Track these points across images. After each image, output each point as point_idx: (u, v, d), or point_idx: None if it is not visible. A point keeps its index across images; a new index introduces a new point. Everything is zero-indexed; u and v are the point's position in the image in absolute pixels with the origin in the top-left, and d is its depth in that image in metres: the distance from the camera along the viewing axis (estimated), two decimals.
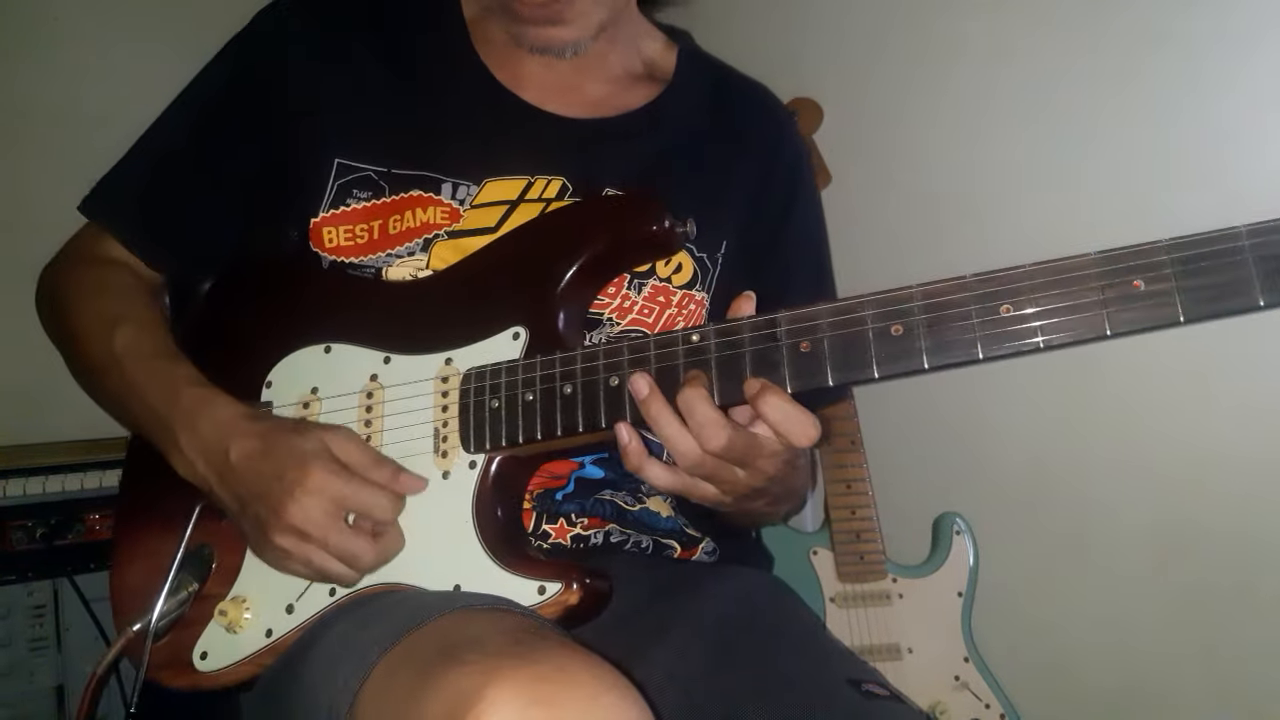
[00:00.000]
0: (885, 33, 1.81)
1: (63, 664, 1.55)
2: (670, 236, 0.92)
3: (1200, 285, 0.68)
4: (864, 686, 0.84)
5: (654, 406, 0.78)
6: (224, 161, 1.06)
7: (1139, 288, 0.69)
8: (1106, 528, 1.57)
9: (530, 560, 0.85)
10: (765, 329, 0.79)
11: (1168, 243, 0.69)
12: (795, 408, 0.76)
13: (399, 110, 1.04)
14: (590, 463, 1.03)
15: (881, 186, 1.79)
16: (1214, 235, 0.68)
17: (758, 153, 1.12)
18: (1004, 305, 0.72)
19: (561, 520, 1.01)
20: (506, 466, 0.89)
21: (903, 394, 1.76)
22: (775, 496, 0.87)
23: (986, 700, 1.55)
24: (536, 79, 1.06)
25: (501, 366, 0.89)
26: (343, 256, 1.00)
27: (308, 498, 0.84)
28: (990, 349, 0.73)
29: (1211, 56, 1.44)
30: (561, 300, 0.91)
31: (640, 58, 1.14)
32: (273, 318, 1.02)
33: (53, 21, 1.92)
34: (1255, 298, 0.66)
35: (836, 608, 1.60)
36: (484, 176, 1.01)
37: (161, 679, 0.94)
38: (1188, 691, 1.50)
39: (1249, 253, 0.67)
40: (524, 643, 0.66)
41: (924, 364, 0.74)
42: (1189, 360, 1.46)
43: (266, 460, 0.87)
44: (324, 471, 0.84)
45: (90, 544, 1.56)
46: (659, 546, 1.06)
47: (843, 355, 0.76)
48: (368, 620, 0.80)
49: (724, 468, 0.79)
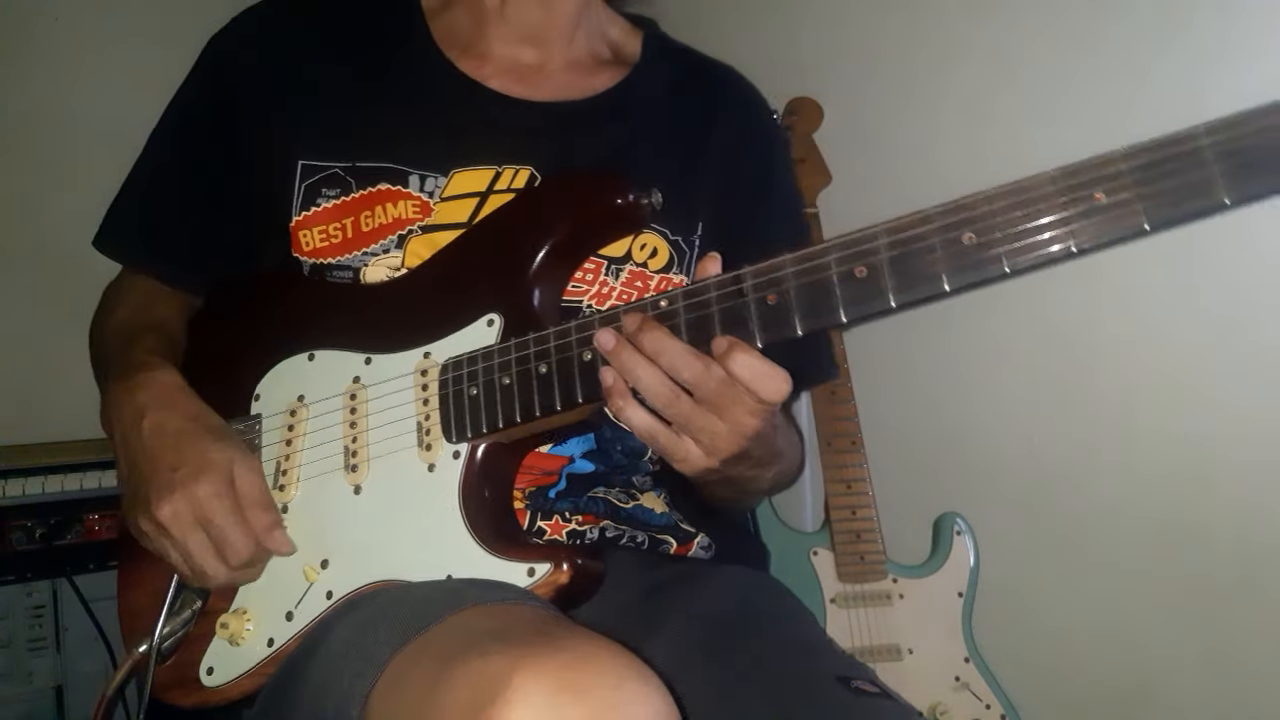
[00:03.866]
0: (886, 32, 1.81)
1: (62, 664, 1.56)
2: (636, 209, 0.91)
3: (1162, 190, 0.65)
4: (853, 684, 0.82)
5: (623, 354, 0.78)
6: (211, 177, 1.08)
7: (1101, 200, 0.67)
8: (1107, 528, 1.55)
9: (519, 544, 0.85)
10: (731, 285, 0.78)
11: (1125, 150, 0.67)
12: (764, 363, 0.74)
13: (361, 107, 1.04)
14: (580, 456, 1.02)
15: (882, 186, 1.78)
16: (1172, 138, 0.66)
17: (728, 130, 1.12)
18: (966, 234, 0.71)
19: (556, 518, 1.00)
20: (491, 454, 0.88)
21: (903, 394, 1.76)
22: (759, 459, 0.85)
23: (987, 701, 1.53)
24: (499, 67, 1.07)
25: (478, 353, 0.88)
26: (321, 258, 1.01)
27: (183, 503, 0.86)
28: (956, 280, 0.71)
29: (1216, 55, 1.42)
30: (534, 282, 0.91)
31: (606, 42, 1.14)
32: (256, 332, 1.03)
33: (52, 22, 1.95)
34: (1220, 196, 0.64)
35: (837, 608, 1.58)
36: (450, 167, 1.01)
37: (170, 698, 0.94)
38: (1189, 691, 1.47)
39: (1209, 151, 0.64)
40: (546, 632, 0.65)
41: (890, 303, 0.72)
42: (1190, 359, 1.45)
43: (171, 448, 0.89)
44: (210, 488, 0.87)
45: (89, 544, 1.57)
46: (654, 542, 1.05)
47: (809, 303, 0.75)
48: (373, 621, 0.78)
49: (699, 413, 0.77)
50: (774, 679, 0.84)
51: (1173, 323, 1.46)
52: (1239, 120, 0.65)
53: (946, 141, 1.70)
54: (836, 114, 1.77)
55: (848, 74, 1.84)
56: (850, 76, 1.83)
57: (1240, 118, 0.65)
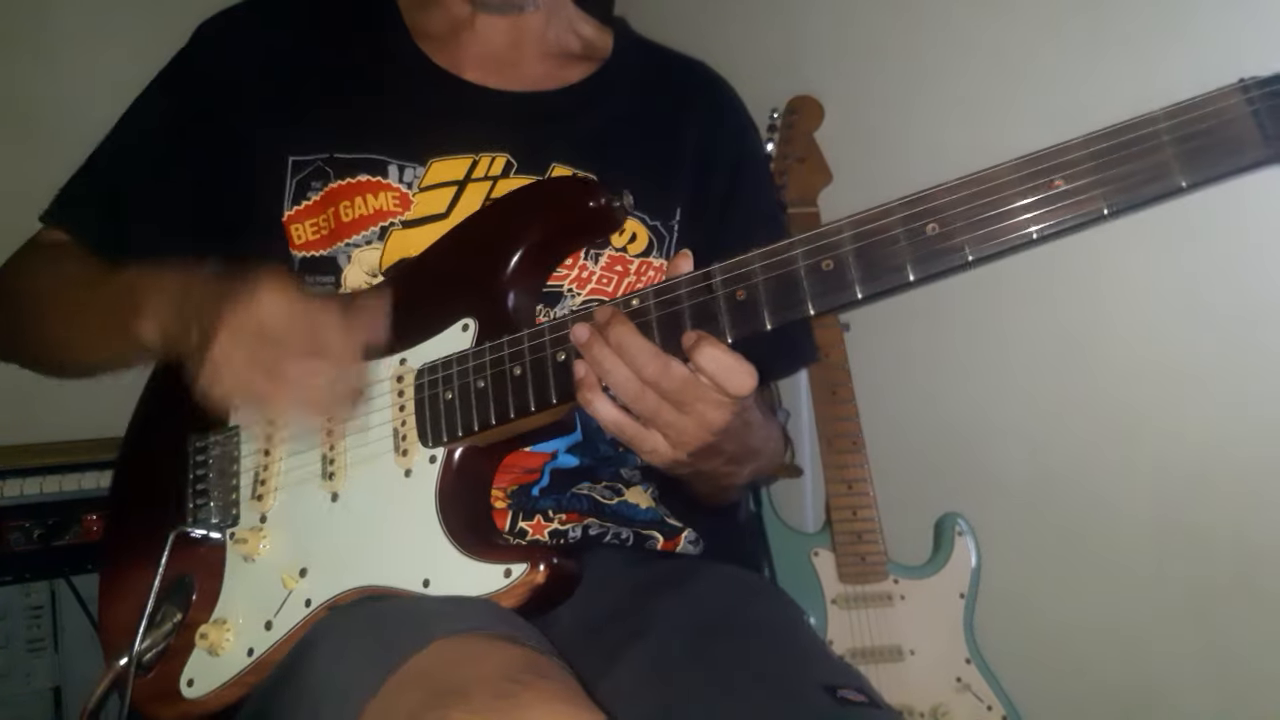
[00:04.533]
0: (886, 31, 1.81)
1: (60, 665, 1.55)
2: (608, 213, 0.92)
3: (1120, 175, 0.66)
4: (839, 692, 0.82)
5: (594, 347, 0.78)
6: (187, 162, 1.07)
7: (1059, 187, 0.68)
8: (1108, 528, 1.54)
9: (496, 546, 0.85)
10: (701, 282, 0.78)
11: (1083, 138, 0.68)
12: (730, 356, 0.75)
13: (341, 103, 1.05)
14: (565, 451, 1.02)
15: (882, 185, 1.73)
16: (1130, 123, 0.67)
17: (701, 118, 1.13)
18: (929, 224, 0.71)
19: (538, 516, 1.00)
20: (468, 458, 0.88)
21: (904, 394, 1.76)
22: (732, 455, 0.85)
23: (988, 702, 1.53)
24: (475, 59, 1.08)
25: (453, 358, 0.89)
26: (309, 251, 1.02)
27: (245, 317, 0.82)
28: (921, 269, 0.71)
29: (1217, 54, 1.42)
30: (509, 286, 0.92)
31: (577, 38, 1.16)
32: None
33: (52, 22, 1.96)
34: (1176, 180, 0.65)
35: (838, 609, 1.58)
36: (428, 157, 1.02)
37: (151, 711, 0.94)
38: (1190, 691, 1.47)
39: (1166, 135, 0.65)
40: (508, 694, 0.64)
41: (856, 294, 0.73)
42: (1190, 358, 1.45)
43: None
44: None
45: (88, 545, 1.57)
46: (640, 538, 1.04)
47: (777, 297, 0.75)
48: (345, 650, 0.77)
49: (665, 407, 0.78)
50: (759, 688, 0.84)
51: (1174, 323, 1.46)
52: (1195, 104, 0.66)
53: (947, 140, 1.70)
54: (837, 113, 1.77)
55: (848, 72, 1.84)
56: (851, 75, 1.84)
57: (1196, 101, 0.65)
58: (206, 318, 0.83)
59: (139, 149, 1.09)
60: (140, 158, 1.09)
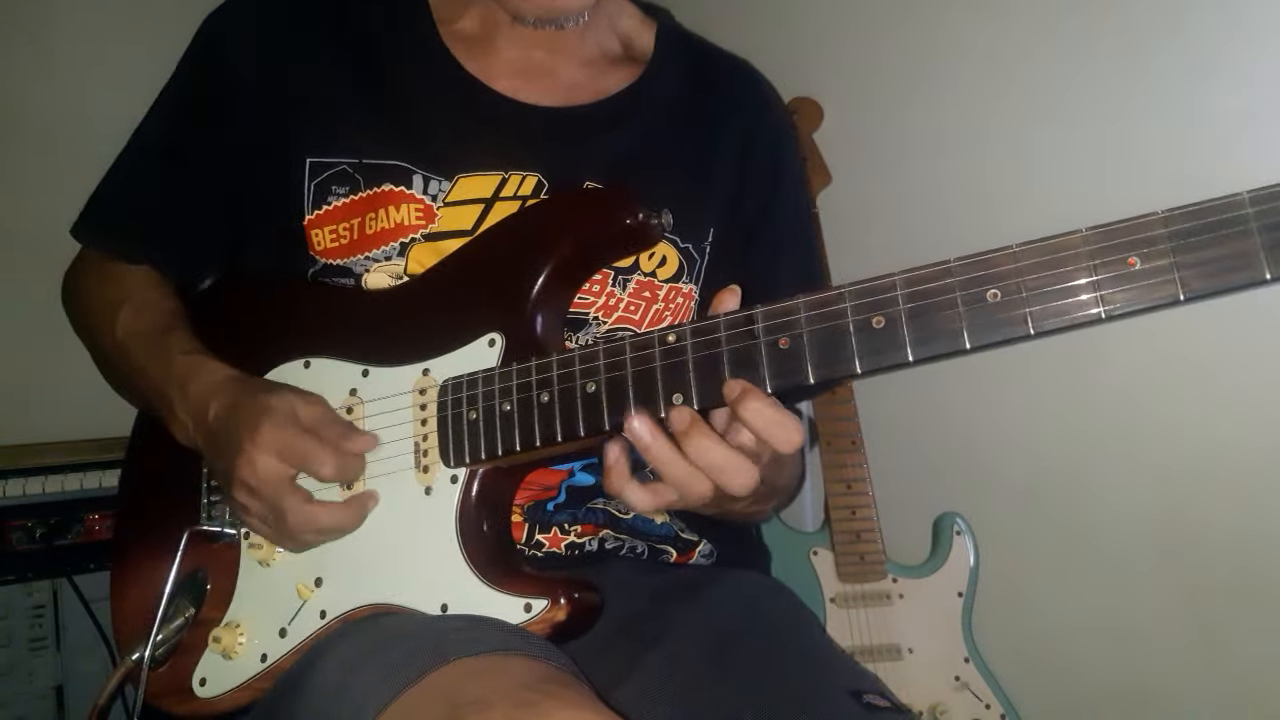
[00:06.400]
0: (886, 32, 1.79)
1: (62, 664, 1.56)
2: (646, 230, 0.88)
3: (1201, 260, 0.62)
4: (865, 698, 0.81)
5: (655, 448, 0.75)
6: (208, 166, 1.04)
7: (1134, 265, 0.64)
8: (1107, 527, 1.54)
9: (517, 576, 0.83)
10: (742, 325, 0.75)
11: (1164, 214, 0.63)
12: (778, 412, 0.72)
13: (367, 106, 1.00)
14: (580, 469, 1.00)
15: (882, 186, 1.77)
16: (1214, 204, 0.62)
17: (739, 131, 1.08)
18: (990, 290, 0.67)
19: (555, 529, 0.99)
20: (489, 479, 0.86)
21: (903, 394, 1.75)
22: (759, 495, 0.83)
23: (987, 700, 1.54)
24: (508, 68, 1.02)
25: (478, 376, 0.86)
26: (330, 259, 0.98)
27: (257, 452, 0.83)
28: (978, 338, 0.68)
29: (1217, 54, 1.40)
30: (537, 303, 0.88)
31: (617, 36, 1.09)
32: (252, 335, 1.00)
33: (52, 22, 1.92)
34: (1261, 270, 0.61)
35: (837, 608, 1.59)
36: (455, 172, 0.97)
37: (165, 705, 0.94)
38: (1189, 690, 1.48)
39: (1253, 221, 0.61)
40: (529, 703, 0.64)
41: (908, 357, 0.69)
42: (1190, 358, 1.43)
43: (233, 417, 0.87)
44: (275, 427, 0.84)
45: (90, 544, 1.57)
46: (655, 552, 1.03)
47: (823, 351, 0.72)
48: (362, 661, 0.76)
49: (700, 479, 0.75)
50: (784, 692, 0.82)
51: (1174, 322, 1.42)
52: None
53: (946, 142, 1.69)
54: (836, 114, 1.78)
55: (848, 74, 1.84)
56: (850, 77, 1.83)
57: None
58: (224, 460, 0.88)
59: (162, 158, 1.06)
60: (164, 167, 1.06)
